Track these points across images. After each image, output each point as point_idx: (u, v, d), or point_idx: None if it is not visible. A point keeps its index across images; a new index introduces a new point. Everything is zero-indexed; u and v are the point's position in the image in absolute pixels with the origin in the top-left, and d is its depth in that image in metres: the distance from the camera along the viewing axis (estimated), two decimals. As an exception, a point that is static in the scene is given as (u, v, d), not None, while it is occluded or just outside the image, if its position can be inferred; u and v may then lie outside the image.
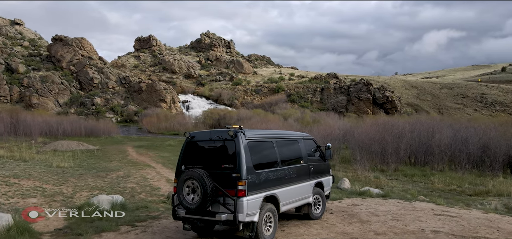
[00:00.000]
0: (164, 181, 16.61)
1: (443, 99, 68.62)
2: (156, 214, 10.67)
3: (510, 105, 64.30)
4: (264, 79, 77.34)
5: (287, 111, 59.34)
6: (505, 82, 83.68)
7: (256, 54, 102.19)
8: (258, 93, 70.19)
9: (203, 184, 6.99)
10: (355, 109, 62.83)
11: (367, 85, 63.89)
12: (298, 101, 66.34)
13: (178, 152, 29.01)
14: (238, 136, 7.27)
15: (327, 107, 64.93)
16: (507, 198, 13.54)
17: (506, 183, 16.47)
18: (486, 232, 8.27)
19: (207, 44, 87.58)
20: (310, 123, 48.54)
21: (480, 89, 71.63)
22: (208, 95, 71.46)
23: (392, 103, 62.56)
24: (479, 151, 20.25)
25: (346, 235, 7.98)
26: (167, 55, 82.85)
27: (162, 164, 21.94)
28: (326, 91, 67.21)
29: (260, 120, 47.37)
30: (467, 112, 62.97)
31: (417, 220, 9.13)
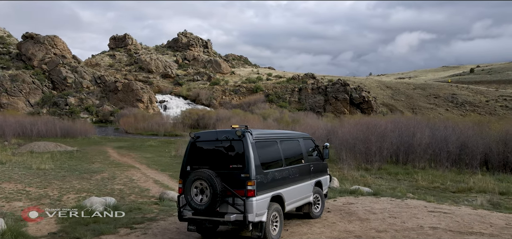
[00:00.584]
0: (152, 182, 16.35)
1: (417, 99, 70.61)
2: (151, 215, 10.50)
3: (480, 105, 66.86)
4: (242, 79, 77.31)
5: (266, 111, 59.53)
6: (474, 83, 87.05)
7: (233, 54, 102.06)
8: (237, 93, 70.12)
9: (212, 184, 6.94)
10: (333, 109, 63.77)
11: (344, 86, 64.96)
12: (277, 101, 66.70)
13: (161, 152, 28.78)
14: (246, 136, 7.26)
15: (305, 107, 65.57)
16: (489, 194, 14.07)
17: (485, 180, 17.12)
18: (480, 227, 8.60)
19: (184, 44, 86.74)
20: (289, 123, 48.87)
21: (451, 90, 74.15)
22: (186, 95, 70.82)
23: (368, 103, 63.85)
24: (458, 149, 20.99)
25: (349, 233, 8.12)
26: (143, 55, 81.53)
27: (147, 165, 21.59)
28: (304, 91, 67.87)
29: (239, 120, 47.27)
30: (439, 112, 65.02)
31: (414, 217, 9.39)
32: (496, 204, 12.09)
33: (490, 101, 68.16)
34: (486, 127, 23.76)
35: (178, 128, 50.36)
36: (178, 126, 51.58)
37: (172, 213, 10.83)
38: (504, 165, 20.38)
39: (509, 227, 8.75)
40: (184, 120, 54.69)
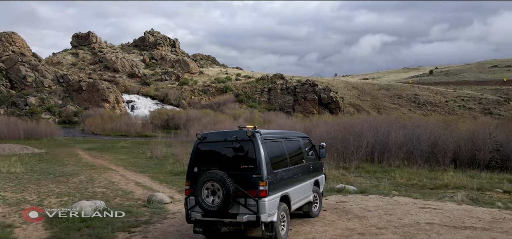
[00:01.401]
0: (134, 185, 15.95)
1: (381, 99, 72.97)
2: (145, 218, 10.25)
3: (440, 105, 70.06)
4: (210, 79, 76.83)
5: (236, 111, 59.48)
6: (433, 84, 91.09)
7: (201, 54, 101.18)
8: (206, 93, 69.59)
9: (225, 185, 6.89)
10: (302, 109, 64.66)
11: (313, 86, 66.05)
12: (246, 101, 66.80)
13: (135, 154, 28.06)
14: (256, 137, 7.27)
15: (275, 107, 66.10)
16: (465, 190, 14.80)
17: (457, 177, 17.95)
18: (471, 222, 9.06)
19: (151, 43, 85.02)
20: (261, 122, 49.08)
21: (413, 91, 77.21)
22: (154, 95, 69.45)
23: (336, 103, 65.30)
24: (430, 147, 21.89)
25: (351, 231, 8.31)
26: (108, 53, 79.13)
27: (123, 167, 21.01)
28: (273, 91, 68.40)
29: (211, 120, 46.95)
30: (403, 111, 67.47)
31: (408, 213, 9.74)
32: (475, 199, 12.73)
33: (449, 101, 71.60)
34: (454, 127, 24.94)
35: (147, 129, 49.33)
36: (148, 127, 50.51)
37: (166, 215, 10.65)
38: (472, 162, 21.44)
39: (496, 220, 9.26)
40: (154, 120, 53.60)
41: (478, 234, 8.03)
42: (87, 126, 50.45)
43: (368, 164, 21.50)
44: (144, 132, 47.25)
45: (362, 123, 23.42)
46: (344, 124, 23.27)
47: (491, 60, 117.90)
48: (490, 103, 69.95)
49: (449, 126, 24.37)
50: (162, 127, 51.15)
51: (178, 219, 10.03)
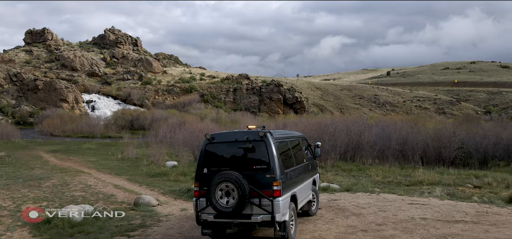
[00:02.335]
0: (112, 188, 15.41)
1: (344, 99, 75.04)
2: (138, 222, 9.96)
3: (398, 105, 73.10)
4: (174, 79, 75.60)
5: (203, 111, 58.92)
6: (390, 84, 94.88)
7: (164, 53, 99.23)
8: (170, 93, 68.39)
9: (241, 186, 6.85)
10: (267, 109, 65.12)
11: (278, 86, 66.71)
12: (212, 102, 66.33)
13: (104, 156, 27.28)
14: (268, 137, 7.28)
15: (240, 107, 66.11)
16: (440, 186, 15.57)
17: (428, 173, 18.81)
18: (459, 216, 9.56)
19: (112, 41, 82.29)
20: (228, 123, 49.00)
21: (373, 91, 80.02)
22: (116, 94, 67.28)
23: (301, 103, 66.34)
24: (400, 146, 22.84)
25: (353, 228, 8.52)
26: (66, 51, 75.75)
27: (96, 170, 20.22)
28: (239, 91, 68.37)
29: (178, 121, 46.14)
30: (364, 111, 69.74)
31: (400, 209, 10.12)
32: (452, 195, 13.43)
33: (407, 102, 74.88)
34: (421, 126, 26.14)
35: (111, 130, 47.71)
36: (111, 128, 48.84)
37: (158, 218, 10.39)
38: (439, 159, 22.62)
39: (481, 214, 9.83)
40: (117, 121, 51.88)
41: (471, 227, 8.50)
42: (45, 127, 47.97)
43: (343, 163, 22.06)
44: (108, 133, 45.67)
45: (336, 123, 24.01)
46: (319, 124, 23.74)
47: (443, 63, 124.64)
48: (443, 103, 73.88)
49: (416, 125, 25.48)
50: (126, 128, 49.66)
51: (173, 222, 9.83)
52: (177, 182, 16.73)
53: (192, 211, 10.99)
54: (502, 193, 14.63)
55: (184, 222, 9.62)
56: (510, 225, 8.64)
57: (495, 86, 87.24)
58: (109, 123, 51.31)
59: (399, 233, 8.10)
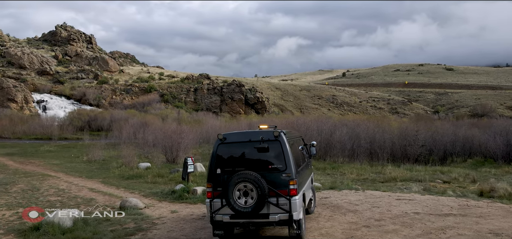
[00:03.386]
0: (88, 191, 14.74)
1: (303, 100, 76.53)
2: (133, 226, 9.61)
3: (355, 105, 75.72)
4: (132, 78, 73.37)
5: (163, 111, 57.74)
6: (346, 85, 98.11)
7: (120, 52, 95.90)
8: (129, 92, 66.29)
9: (260, 186, 6.84)
10: (229, 109, 65.01)
11: (240, 86, 66.78)
12: (172, 101, 65.13)
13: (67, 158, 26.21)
14: (282, 136, 7.31)
15: (202, 107, 65.43)
16: (413, 182, 16.40)
17: (398, 171, 19.73)
18: (446, 209, 10.12)
19: (64, 38, 78.27)
20: (191, 123, 48.39)
21: (331, 92, 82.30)
22: (70, 94, 64.11)
23: (262, 104, 66.85)
24: (368, 144, 23.75)
25: (355, 224, 8.76)
26: (12, 48, 71.08)
27: (64, 173, 19.22)
28: (200, 91, 67.65)
29: (139, 121, 45.03)
30: (323, 111, 71.57)
31: (391, 205, 10.53)
32: (427, 190, 14.19)
33: (363, 102, 77.76)
34: (386, 125, 27.31)
35: (67, 131, 45.43)
36: (67, 129, 46.47)
37: (152, 221, 10.08)
38: (404, 157, 23.78)
39: (464, 207, 10.46)
40: (73, 122, 49.49)
41: (462, 220, 9.03)
42: (-7, 129, 44.77)
43: (315, 162, 22.51)
44: (64, 135, 43.44)
45: (308, 122, 24.53)
46: (292, 124, 24.09)
47: (394, 65, 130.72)
48: (396, 104, 77.51)
49: (382, 125, 26.59)
50: (83, 129, 47.54)
51: (171, 224, 9.58)
52: (155, 184, 16.32)
53: (185, 213, 10.83)
54: (470, 187, 15.66)
55: (184, 225, 9.41)
56: (496, 217, 9.27)
57: (441, 87, 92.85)
58: (64, 124, 48.77)
59: (400, 227, 8.44)
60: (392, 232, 8.10)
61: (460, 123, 32.28)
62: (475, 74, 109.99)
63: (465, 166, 23.54)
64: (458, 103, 78.52)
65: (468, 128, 28.12)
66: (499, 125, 27.18)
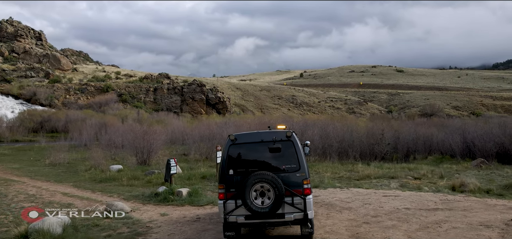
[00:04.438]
0: (62, 196, 14.00)
1: (264, 100, 77.12)
2: (128, 230, 9.27)
3: (314, 105, 77.44)
4: (87, 77, 70.34)
5: (122, 111, 55.87)
6: (304, 85, 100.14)
7: (72, 49, 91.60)
8: (84, 92, 63.45)
9: (277, 186, 6.85)
10: (190, 109, 64.14)
11: (201, 86, 66.08)
12: (131, 101, 63.17)
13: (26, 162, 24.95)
14: (294, 137, 7.37)
15: (162, 107, 64.04)
16: (386, 179, 17.04)
17: (368, 168, 20.42)
18: (431, 204, 10.65)
19: (10, 33, 73.41)
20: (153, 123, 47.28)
21: (290, 92, 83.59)
22: (18, 93, 60.22)
23: (224, 104, 66.59)
24: (338, 144, 24.40)
25: (355, 221, 9.00)
26: (-48, 43, 65.67)
27: (29, 177, 18.08)
28: (160, 91, 66.16)
29: (97, 122, 43.42)
30: (283, 111, 72.55)
31: (380, 201, 10.90)
32: (404, 186, 14.82)
33: (321, 102, 79.73)
34: (354, 125, 28.20)
35: (18, 133, 42.73)
36: (18, 130, 43.70)
37: (146, 225, 9.77)
38: (372, 155, 24.67)
39: (445, 201, 11.07)
40: (24, 123, 46.61)
41: (451, 213, 9.55)
42: None
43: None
44: (15, 137, 40.81)
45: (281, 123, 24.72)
46: (264, 124, 24.19)
47: (349, 66, 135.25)
48: (353, 104, 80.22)
49: (350, 125, 27.44)
50: (37, 131, 44.95)
51: (169, 228, 9.33)
52: (132, 186, 15.80)
53: (177, 216, 10.59)
54: (439, 182, 16.50)
55: (182, 227, 9.19)
56: (479, 210, 9.90)
57: (393, 88, 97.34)
58: (15, 126, 45.79)
59: (398, 223, 8.77)
60: (392, 228, 8.41)
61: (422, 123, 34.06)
62: (423, 76, 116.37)
63: (427, 162, 24.80)
64: (409, 103, 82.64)
65: (428, 128, 29.71)
66: (455, 125, 28.98)
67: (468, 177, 15.65)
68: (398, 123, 33.95)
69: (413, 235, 7.88)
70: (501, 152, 23.35)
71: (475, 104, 78.42)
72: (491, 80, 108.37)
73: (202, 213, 10.78)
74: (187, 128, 39.18)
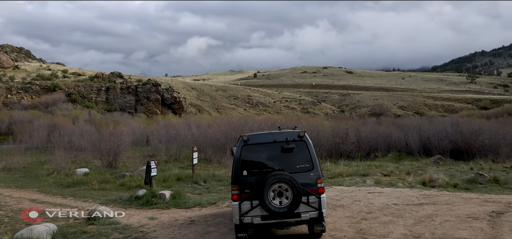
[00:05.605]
0: (31, 202, 13.06)
1: (219, 100, 76.73)
2: (121, 237, 8.79)
3: (269, 105, 78.28)
4: (31, 75, 65.97)
5: (73, 112, 53.06)
6: (258, 86, 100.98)
7: (11, 45, 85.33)
8: (28, 91, 59.47)
9: (296, 186, 6.86)
10: (145, 110, 62.30)
11: (156, 86, 64.39)
12: (81, 101, 60.16)
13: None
14: (306, 137, 7.41)
15: (115, 107, 61.60)
16: (358, 177, 17.62)
17: (339, 167, 20.93)
18: (415, 200, 11.16)
19: None
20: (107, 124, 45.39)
21: (246, 92, 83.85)
22: (-48, 92, 55.27)
23: (180, 104, 65.38)
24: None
25: (352, 218, 9.21)
26: None
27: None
28: (112, 90, 63.58)
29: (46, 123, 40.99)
30: (239, 111, 72.66)
31: (368, 198, 11.25)
32: (378, 183, 15.42)
33: (276, 102, 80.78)
34: (320, 125, 28.86)
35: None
36: (-46, 133, 40.12)
37: (139, 229, 9.37)
38: (337, 153, 25.41)
39: (426, 197, 11.65)
40: (-39, 124, 42.90)
41: (437, 208, 10.07)
42: None
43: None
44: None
45: (245, 121, 24.80)
46: (233, 124, 24.05)
47: (301, 67, 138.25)
48: (307, 104, 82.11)
49: (316, 124, 28.07)
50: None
51: (164, 232, 8.99)
52: (105, 190, 15.10)
53: (167, 219, 10.27)
54: (408, 178, 17.35)
55: (181, 231, 8.89)
56: (459, 204, 10.53)
57: (344, 88, 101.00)
58: (-51, 127, 42.03)
59: (393, 218, 9.11)
60: (390, 223, 8.71)
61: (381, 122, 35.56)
62: (371, 77, 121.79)
63: (387, 160, 25.98)
64: (360, 103, 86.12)
65: (387, 127, 31.14)
66: (412, 124, 30.63)
67: (436, 172, 16.58)
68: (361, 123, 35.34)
69: (413, 229, 8.23)
70: (454, 149, 25.03)
71: (419, 104, 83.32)
72: (431, 81, 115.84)
73: (194, 215, 10.51)
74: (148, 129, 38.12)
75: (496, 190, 13.57)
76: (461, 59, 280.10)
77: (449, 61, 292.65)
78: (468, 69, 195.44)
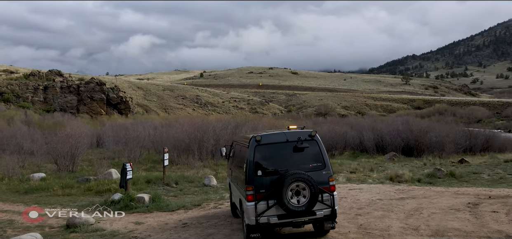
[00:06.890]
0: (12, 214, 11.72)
1: (167, 100, 74.91)
2: (113, 244, 8.28)
3: (218, 105, 77.89)
4: (-45, 72, 59.77)
5: (7, 112, 48.92)
6: (205, 85, 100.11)
7: None
8: (-48, 90, 53.81)
9: (313, 184, 6.93)
10: (88, 110, 59.06)
11: (101, 85, 61.33)
12: (16, 101, 55.69)
13: None
14: (317, 136, 7.49)
15: (54, 107, 57.73)
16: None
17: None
18: (394, 194, 11.72)
19: None
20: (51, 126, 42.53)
21: (194, 92, 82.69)
22: None
23: (126, 104, 62.84)
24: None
25: (347, 214, 9.42)
26: None
27: None
28: (51, 89, 59.52)
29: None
30: (188, 111, 71.49)
31: (353, 195, 11.61)
32: (350, 180, 16.00)
33: (225, 102, 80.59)
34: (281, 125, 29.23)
35: None
36: None
37: (130, 236, 8.85)
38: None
39: (402, 191, 12.30)
40: None
41: (419, 201, 10.65)
42: None
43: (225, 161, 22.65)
44: None
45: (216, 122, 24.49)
46: (196, 125, 23.54)
47: (247, 67, 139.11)
48: (255, 104, 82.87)
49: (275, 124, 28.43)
50: None
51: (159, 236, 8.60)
52: (70, 196, 14.17)
53: (156, 223, 9.95)
54: (373, 175, 18.15)
55: (180, 234, 8.56)
56: (435, 197, 11.22)
57: (290, 89, 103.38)
58: None
59: (385, 213, 9.48)
60: (385, 217, 9.07)
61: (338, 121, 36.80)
62: (315, 78, 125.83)
63: (345, 157, 27.04)
64: (306, 103, 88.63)
65: (342, 126, 32.36)
66: (366, 123, 32.12)
67: (400, 168, 17.57)
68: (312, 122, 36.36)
69: (408, 222, 8.63)
70: (406, 146, 26.66)
71: (360, 104, 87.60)
72: (370, 82, 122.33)
73: (184, 218, 10.19)
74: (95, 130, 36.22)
75: (454, 183, 14.68)
76: (395, 62, 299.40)
77: (384, 64, 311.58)
78: (402, 71, 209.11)
